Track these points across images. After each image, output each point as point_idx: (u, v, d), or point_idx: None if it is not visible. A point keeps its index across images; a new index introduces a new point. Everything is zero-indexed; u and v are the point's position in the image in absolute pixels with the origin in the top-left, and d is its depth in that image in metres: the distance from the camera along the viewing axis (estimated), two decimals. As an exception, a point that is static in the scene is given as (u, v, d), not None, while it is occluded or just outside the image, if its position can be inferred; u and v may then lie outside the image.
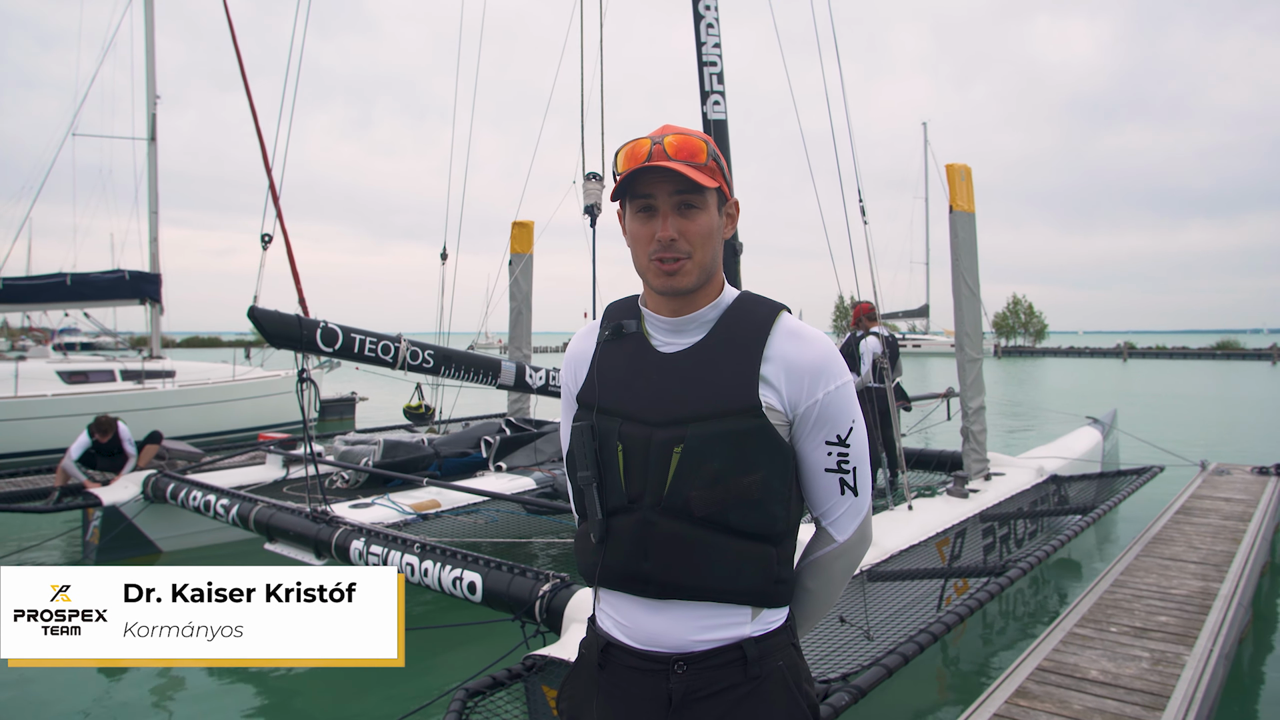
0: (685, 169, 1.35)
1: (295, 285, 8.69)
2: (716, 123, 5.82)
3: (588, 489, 1.43)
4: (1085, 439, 9.47)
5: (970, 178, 6.85)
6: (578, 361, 1.54)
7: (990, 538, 6.03)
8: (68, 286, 14.21)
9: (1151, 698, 3.20)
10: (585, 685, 1.49)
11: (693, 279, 1.40)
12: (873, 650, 3.46)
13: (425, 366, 7.13)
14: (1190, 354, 59.67)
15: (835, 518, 1.47)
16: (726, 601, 1.38)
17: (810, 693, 1.45)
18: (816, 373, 1.39)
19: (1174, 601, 4.39)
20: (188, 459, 8.19)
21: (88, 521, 7.01)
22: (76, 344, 17.07)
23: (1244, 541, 5.57)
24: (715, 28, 5.83)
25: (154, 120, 15.55)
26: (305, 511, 5.58)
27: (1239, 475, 8.01)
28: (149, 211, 15.61)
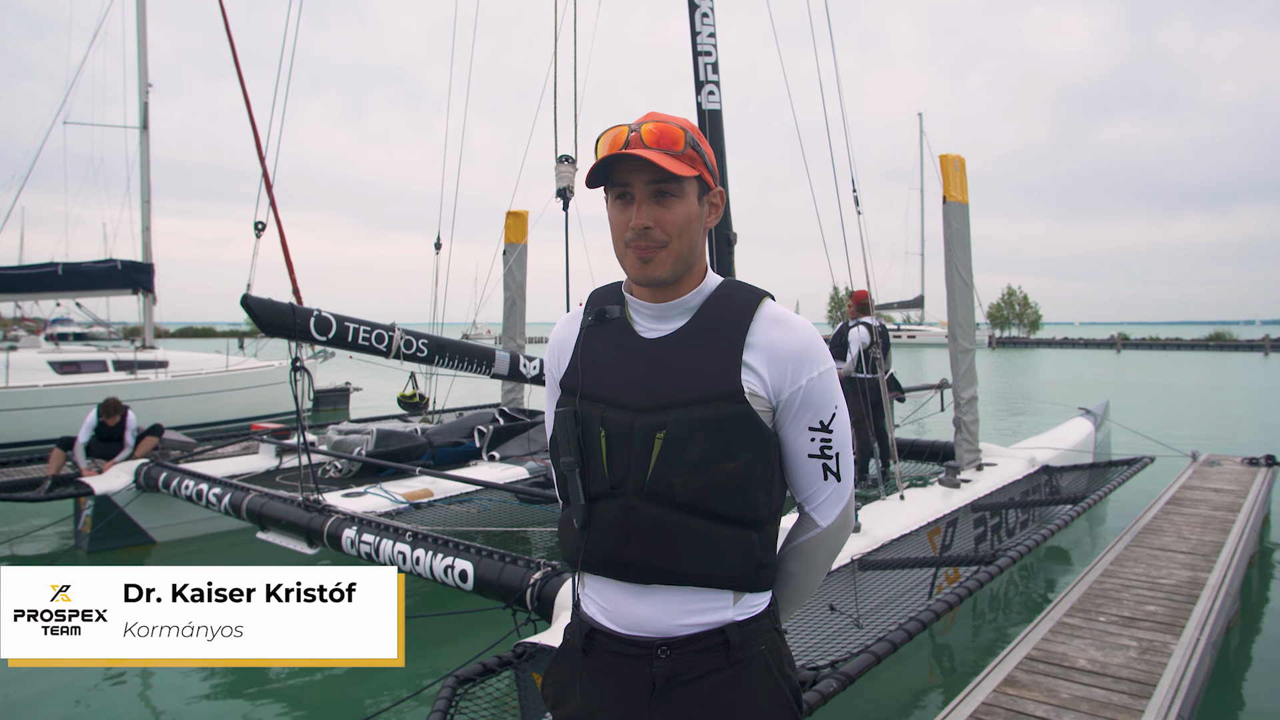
0: (659, 157, 1.34)
1: (289, 274, 8.64)
2: (711, 113, 5.80)
3: (570, 474, 1.43)
4: (1077, 430, 9.52)
5: (964, 169, 6.86)
6: (561, 347, 1.55)
7: (981, 527, 6.07)
8: (59, 276, 14.13)
9: (1139, 686, 3.24)
10: (570, 670, 1.50)
11: (668, 268, 1.40)
12: (862, 638, 3.49)
13: (419, 356, 7.12)
14: (1184, 345, 59.89)
15: (818, 503, 1.48)
16: (709, 586, 1.39)
17: (792, 676, 1.47)
18: (799, 359, 1.40)
19: (1163, 591, 4.44)
20: (181, 449, 8.19)
21: (80, 511, 7.01)
22: (69, 334, 16.94)
23: (1233, 532, 5.63)
24: (710, 17, 5.80)
25: (146, 109, 15.44)
26: (298, 500, 5.59)
27: (1229, 466, 8.07)
28: (141, 201, 15.53)
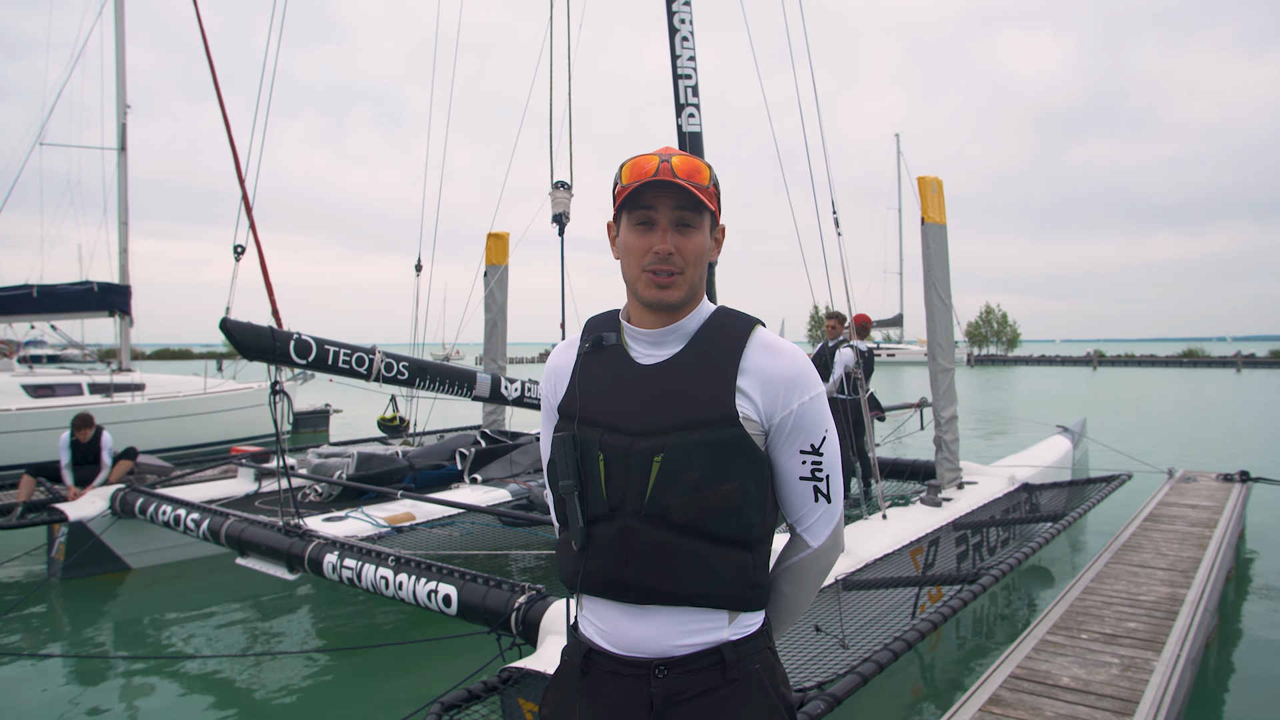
0: (690, 187, 1.41)
1: (269, 297, 8.60)
2: (691, 135, 5.84)
3: (569, 498, 1.46)
4: (1056, 447, 9.61)
5: (942, 190, 6.95)
6: (558, 374, 1.58)
7: (963, 546, 6.08)
8: (34, 298, 13.95)
9: (1121, 703, 3.25)
10: (568, 692, 1.52)
11: (681, 294, 1.45)
12: (848, 658, 3.48)
13: (400, 379, 7.09)
14: (1158, 362, 60.79)
15: (809, 524, 1.52)
16: (705, 606, 1.42)
17: (787, 695, 1.50)
18: (791, 384, 1.44)
19: (1143, 608, 4.46)
20: (157, 474, 8.07)
21: (53, 538, 6.88)
22: (43, 356, 16.71)
23: (1210, 548, 5.67)
24: (690, 41, 5.86)
25: (124, 130, 15.37)
26: (278, 525, 5.51)
27: (1205, 482, 8.15)
28: (119, 222, 15.39)
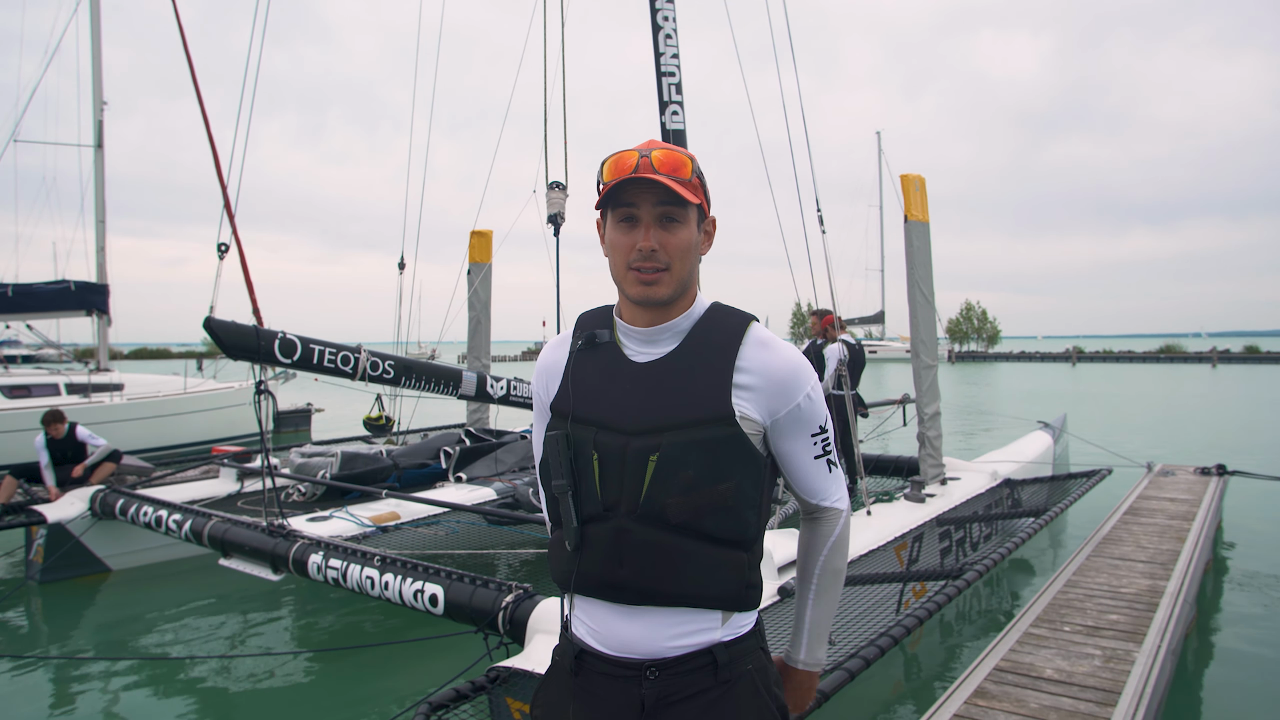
0: (670, 182, 1.38)
1: (250, 296, 8.50)
2: (675, 133, 5.85)
3: (563, 497, 1.44)
4: (1037, 443, 9.70)
5: (924, 188, 6.99)
6: (549, 372, 1.56)
7: (947, 541, 6.13)
8: (9, 298, 13.76)
9: (1104, 694, 3.29)
10: (559, 692, 1.50)
11: (668, 290, 1.42)
12: (834, 654, 3.50)
13: (385, 377, 7.06)
14: (1136, 358, 61.48)
15: (832, 493, 1.56)
16: (699, 606, 1.41)
17: (779, 695, 1.49)
18: (791, 381, 1.44)
19: (1124, 600, 4.52)
20: (138, 474, 7.98)
21: (31, 540, 6.79)
22: (18, 356, 16.47)
23: (1188, 540, 5.75)
24: (674, 39, 5.86)
25: (101, 127, 15.17)
26: (261, 526, 5.47)
27: (1183, 476, 8.27)
28: (96, 220, 15.20)
